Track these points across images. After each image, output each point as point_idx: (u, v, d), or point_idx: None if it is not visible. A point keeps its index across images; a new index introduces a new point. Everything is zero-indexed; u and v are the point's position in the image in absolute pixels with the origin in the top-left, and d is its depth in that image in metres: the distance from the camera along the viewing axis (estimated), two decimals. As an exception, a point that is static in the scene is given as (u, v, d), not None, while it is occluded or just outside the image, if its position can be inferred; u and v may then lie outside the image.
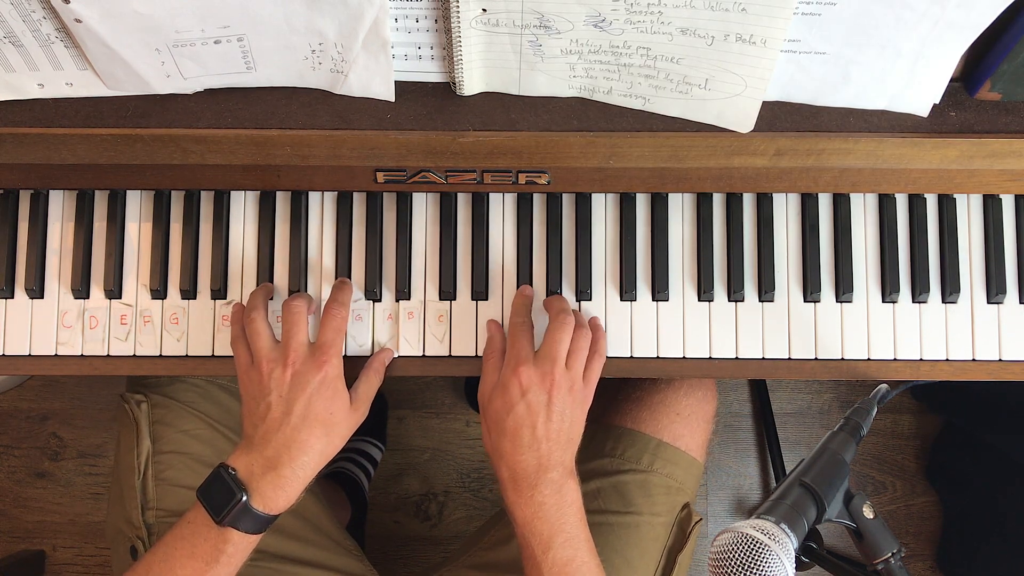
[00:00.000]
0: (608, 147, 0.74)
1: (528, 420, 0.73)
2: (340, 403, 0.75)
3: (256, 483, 0.71)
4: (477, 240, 0.84)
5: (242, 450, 0.73)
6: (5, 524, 1.58)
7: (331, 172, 0.82)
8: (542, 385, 0.74)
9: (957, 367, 0.84)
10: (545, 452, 0.73)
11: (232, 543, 0.70)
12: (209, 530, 0.70)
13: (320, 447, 0.73)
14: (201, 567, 0.70)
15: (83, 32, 0.65)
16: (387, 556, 1.56)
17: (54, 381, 1.60)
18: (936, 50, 0.67)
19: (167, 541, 0.72)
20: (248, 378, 0.75)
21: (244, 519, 0.70)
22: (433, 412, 1.60)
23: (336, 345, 0.75)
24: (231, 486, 0.70)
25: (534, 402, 0.73)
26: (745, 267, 0.84)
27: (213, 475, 0.72)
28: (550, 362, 0.74)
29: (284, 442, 0.72)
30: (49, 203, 0.84)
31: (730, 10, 0.63)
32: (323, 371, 0.74)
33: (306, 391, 0.73)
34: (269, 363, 0.74)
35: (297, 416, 0.72)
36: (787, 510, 0.64)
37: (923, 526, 1.59)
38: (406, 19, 0.68)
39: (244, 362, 0.76)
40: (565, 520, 0.73)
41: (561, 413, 0.74)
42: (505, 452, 0.74)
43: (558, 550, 0.72)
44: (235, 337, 0.79)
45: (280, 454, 0.72)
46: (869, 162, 0.76)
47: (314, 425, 0.73)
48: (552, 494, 0.72)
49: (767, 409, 1.58)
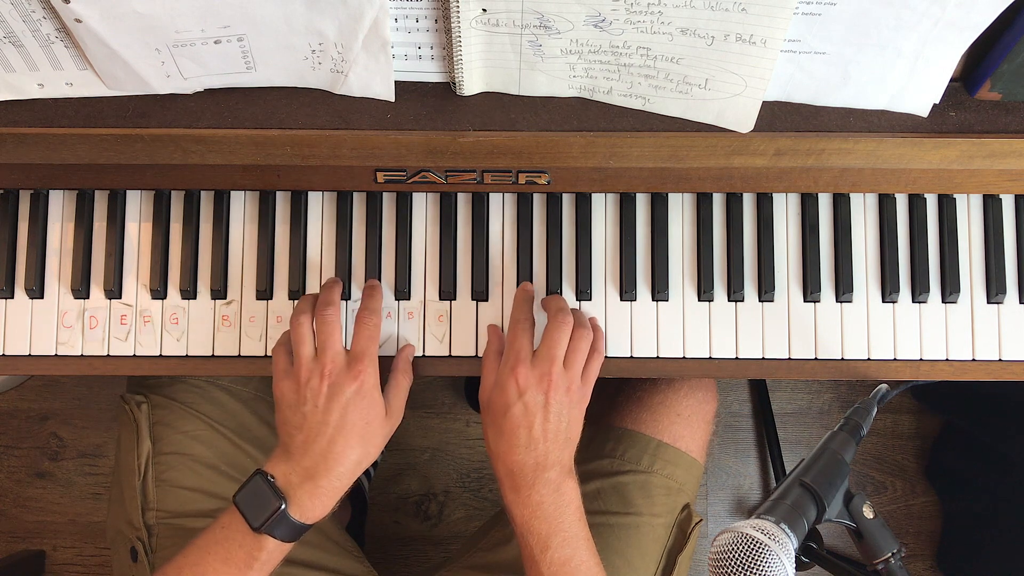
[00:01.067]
0: (608, 147, 0.73)
1: (525, 420, 0.73)
2: (376, 412, 0.74)
3: (294, 492, 0.71)
4: (477, 240, 0.84)
5: (279, 457, 0.73)
6: (5, 524, 1.58)
7: (331, 172, 0.82)
8: (539, 386, 0.73)
9: (957, 367, 0.84)
10: (542, 452, 0.73)
11: (267, 550, 0.70)
12: (244, 536, 0.70)
13: (356, 457, 0.73)
14: (234, 573, 0.69)
15: (83, 32, 0.65)
16: (387, 556, 1.56)
17: (54, 381, 1.60)
18: (936, 50, 0.67)
19: (200, 545, 0.71)
20: (285, 385, 0.74)
21: (281, 527, 0.70)
22: (433, 412, 1.60)
23: (371, 353, 0.75)
24: (270, 494, 0.70)
25: (531, 402, 0.73)
26: (745, 267, 0.84)
27: (251, 481, 0.71)
28: (548, 362, 0.74)
29: (321, 453, 0.71)
30: (49, 203, 0.84)
31: (730, 10, 0.63)
32: (359, 380, 0.73)
33: (342, 401, 0.72)
34: (308, 371, 0.73)
35: (334, 427, 0.72)
36: (787, 510, 0.64)
37: (923, 526, 1.59)
38: (406, 19, 0.68)
39: (282, 368, 0.76)
40: (563, 519, 0.72)
41: (558, 413, 0.74)
42: (503, 452, 0.74)
43: (556, 549, 0.71)
44: (279, 343, 0.78)
45: (318, 464, 0.71)
46: (869, 162, 0.76)
47: (351, 436, 0.72)
48: (550, 493, 0.72)
49: (767, 409, 1.58)
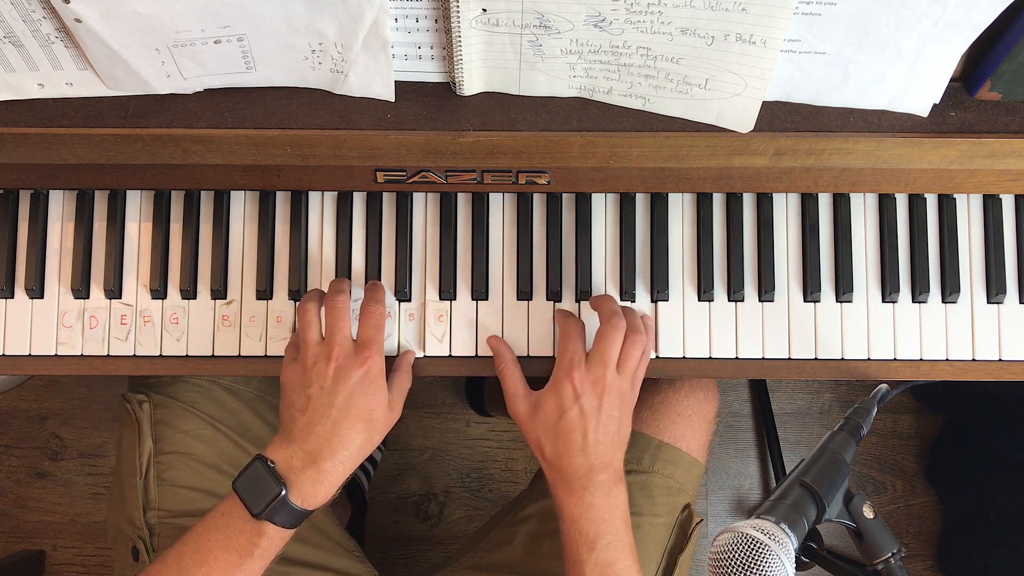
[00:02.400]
0: (608, 147, 0.73)
1: (580, 425, 0.74)
2: (380, 399, 0.75)
3: (295, 477, 0.70)
4: (477, 240, 0.84)
5: (280, 442, 0.73)
6: (5, 524, 1.58)
7: (331, 172, 0.82)
8: (594, 390, 0.75)
9: (957, 367, 0.84)
10: (595, 455, 0.74)
11: (267, 536, 0.70)
12: (244, 523, 0.69)
13: (360, 442, 0.73)
14: (235, 560, 0.69)
15: (83, 32, 0.65)
16: (387, 556, 1.56)
17: (54, 381, 1.60)
18: (936, 50, 0.67)
19: (199, 532, 0.71)
20: (291, 370, 0.75)
21: (281, 513, 0.69)
22: (433, 412, 1.60)
23: (377, 342, 0.75)
24: (270, 479, 0.70)
25: (587, 407, 0.74)
26: (745, 267, 0.84)
27: (251, 467, 0.71)
28: (602, 366, 0.75)
29: (325, 435, 0.71)
30: (49, 203, 0.84)
31: (730, 10, 0.63)
32: (366, 366, 0.73)
33: (348, 385, 0.73)
34: (314, 355, 0.74)
35: (339, 410, 0.72)
36: (787, 510, 0.64)
37: (923, 526, 1.59)
38: (406, 19, 0.68)
39: (290, 356, 0.77)
40: (612, 523, 0.73)
41: (610, 417, 0.75)
42: (557, 455, 0.75)
43: (602, 551, 0.72)
44: (290, 341, 0.79)
45: (321, 447, 0.71)
46: (869, 162, 0.76)
47: (355, 420, 0.72)
48: (601, 496, 0.73)
49: (767, 409, 1.58)
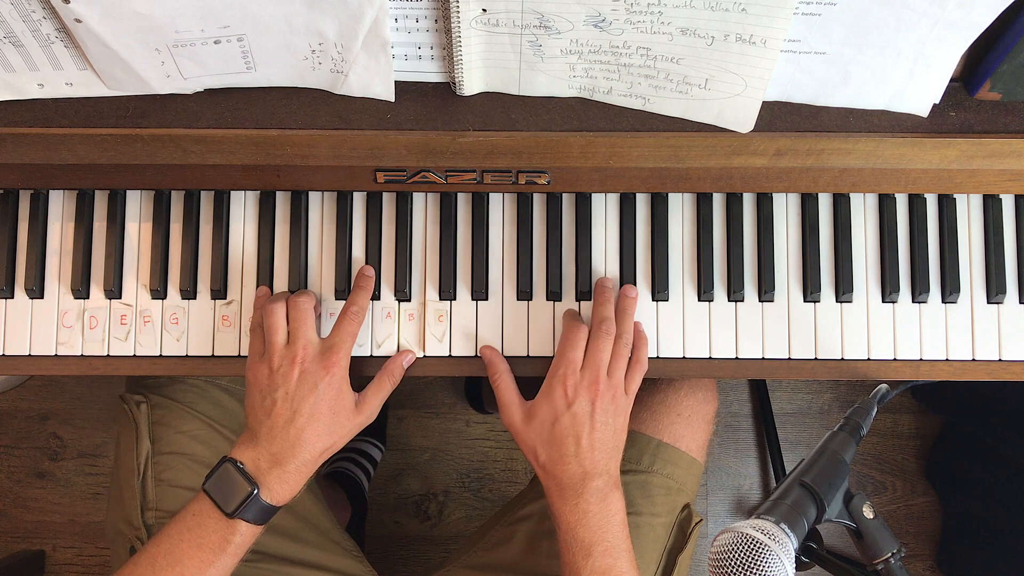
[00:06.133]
0: (608, 147, 0.73)
1: (573, 431, 0.74)
2: (343, 404, 0.76)
3: (263, 477, 0.73)
4: (477, 240, 0.84)
5: (247, 444, 0.75)
6: (5, 524, 1.58)
7: (331, 172, 0.82)
8: (587, 395, 0.75)
9: (957, 367, 0.84)
10: (589, 461, 0.74)
11: (240, 533, 0.72)
12: (217, 522, 0.72)
13: (323, 446, 0.75)
14: (209, 558, 0.71)
15: (83, 32, 0.65)
16: (387, 556, 1.56)
17: (54, 381, 1.60)
18: (936, 50, 0.67)
19: (170, 533, 0.72)
20: (257, 370, 0.76)
21: (252, 510, 0.72)
22: (433, 412, 1.60)
23: (345, 347, 0.77)
24: (241, 480, 0.72)
25: (579, 412, 0.75)
26: (745, 267, 0.84)
27: (221, 468, 0.73)
28: (593, 371, 0.76)
29: (289, 440, 0.73)
30: (49, 203, 0.84)
31: (730, 10, 0.63)
32: (330, 372, 0.75)
33: (313, 391, 0.74)
34: (280, 358, 0.75)
35: (303, 416, 0.74)
36: (787, 510, 0.64)
37: (923, 526, 1.59)
38: (406, 19, 0.68)
39: (256, 352, 0.77)
40: (608, 529, 0.74)
41: (604, 422, 0.75)
42: (551, 462, 0.75)
43: (598, 558, 0.73)
44: (254, 325, 0.79)
45: (285, 451, 0.73)
46: (869, 162, 0.76)
47: (318, 425, 0.74)
48: (597, 503, 0.74)
49: (767, 409, 1.58)
